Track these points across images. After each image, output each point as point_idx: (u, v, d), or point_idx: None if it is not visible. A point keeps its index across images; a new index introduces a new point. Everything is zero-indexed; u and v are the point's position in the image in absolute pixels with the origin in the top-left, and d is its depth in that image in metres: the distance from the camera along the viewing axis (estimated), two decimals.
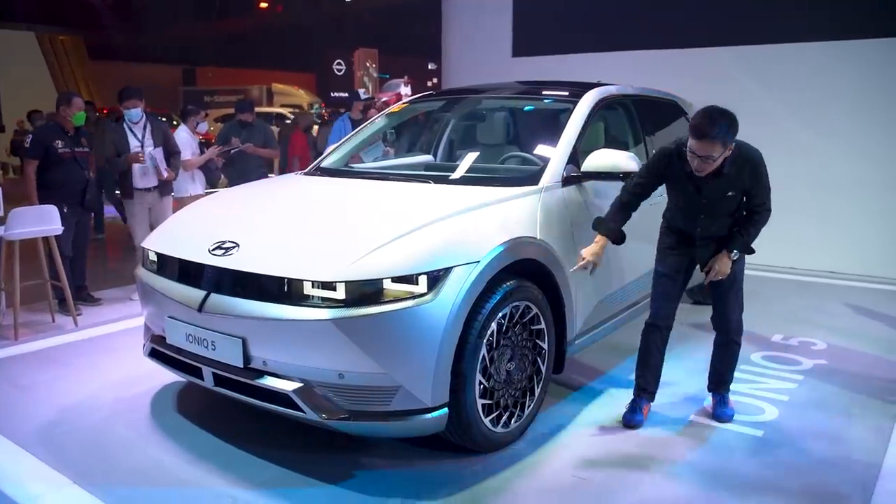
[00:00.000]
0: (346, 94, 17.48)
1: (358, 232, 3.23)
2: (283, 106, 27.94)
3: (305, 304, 2.97)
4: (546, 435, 3.53)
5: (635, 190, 3.63)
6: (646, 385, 3.73)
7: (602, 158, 3.84)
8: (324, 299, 2.95)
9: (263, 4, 34.48)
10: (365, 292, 2.92)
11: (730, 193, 3.45)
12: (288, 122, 16.75)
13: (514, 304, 3.31)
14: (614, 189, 4.11)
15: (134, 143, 6.08)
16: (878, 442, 3.47)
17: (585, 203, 3.89)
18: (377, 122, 5.01)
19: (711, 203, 3.51)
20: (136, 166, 6.06)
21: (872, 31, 6.83)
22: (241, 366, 3.11)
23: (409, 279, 2.94)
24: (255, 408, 3.24)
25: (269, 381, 3.07)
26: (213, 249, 3.27)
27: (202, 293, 3.24)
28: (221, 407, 3.87)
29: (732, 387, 3.86)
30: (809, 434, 3.56)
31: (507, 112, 4.76)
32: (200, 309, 3.20)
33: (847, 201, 7.06)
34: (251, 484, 3.10)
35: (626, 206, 3.65)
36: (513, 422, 3.41)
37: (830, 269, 7.04)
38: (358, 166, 4.77)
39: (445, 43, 9.48)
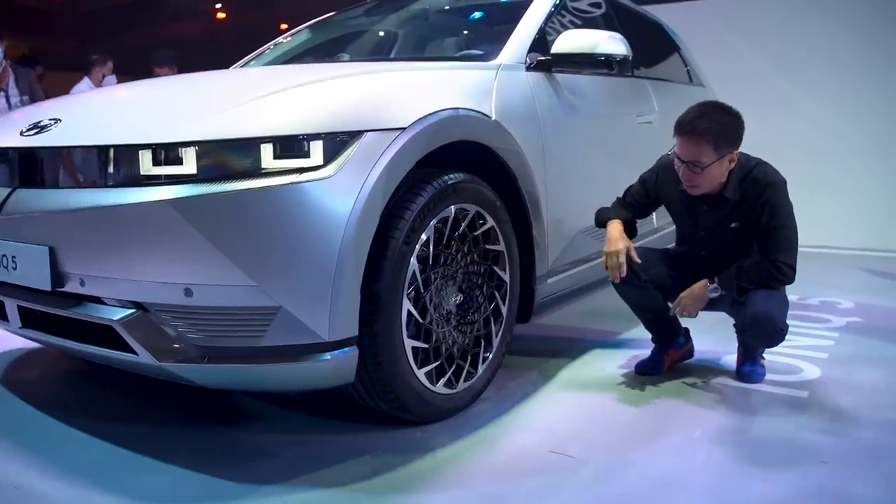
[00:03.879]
0: None
1: (228, 90, 2.23)
2: None
3: (139, 184, 1.94)
4: (510, 402, 2.51)
5: (630, 202, 2.82)
6: (653, 332, 2.86)
7: (577, 38, 2.87)
8: (166, 178, 1.92)
9: (221, 15, 33.29)
10: (226, 161, 1.90)
11: (733, 225, 2.58)
12: None
13: (460, 206, 2.31)
14: (595, 86, 3.18)
15: None
16: None
17: (558, 97, 2.91)
18: (300, 35, 3.99)
19: (711, 238, 2.65)
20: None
21: None
22: (49, 289, 2.06)
23: (296, 144, 1.92)
24: (98, 362, 2.22)
25: (88, 310, 2.02)
26: (27, 130, 2.24)
27: (6, 191, 2.19)
28: (72, 371, 2.83)
29: None
30: (865, 392, 2.60)
31: (458, 11, 3.78)
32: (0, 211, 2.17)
33: (841, 167, 6.21)
34: (61, 469, 2.03)
35: (631, 212, 2.84)
36: (461, 381, 2.39)
37: (827, 243, 6.15)
38: None
39: None
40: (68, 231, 2.01)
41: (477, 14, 3.69)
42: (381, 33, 3.83)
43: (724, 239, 2.65)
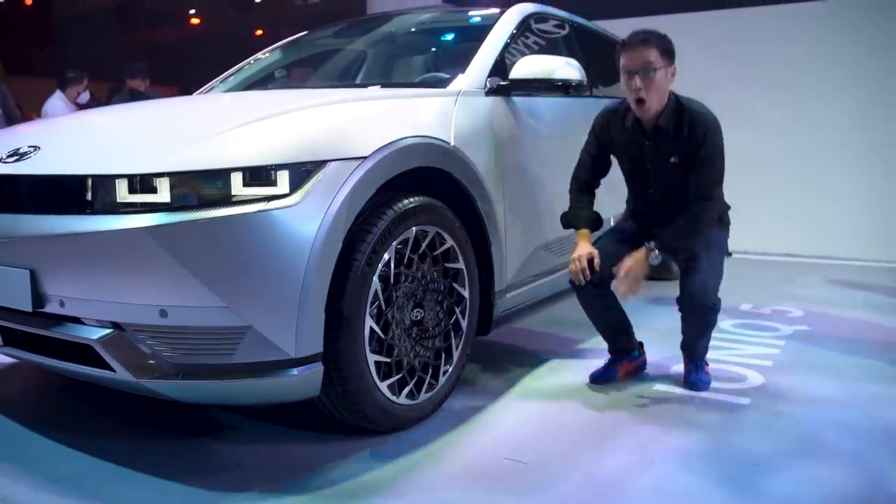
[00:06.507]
0: None
1: (200, 122, 2.36)
2: None
3: (116, 212, 2.06)
4: (468, 412, 2.66)
5: (587, 161, 2.99)
6: (608, 342, 3.04)
7: (534, 64, 3.03)
8: (142, 205, 2.05)
9: (195, 20, 32.95)
10: (198, 191, 2.03)
11: (673, 160, 2.76)
12: None
13: (421, 228, 2.46)
14: (552, 108, 3.35)
15: None
16: (891, 406, 2.71)
17: (517, 120, 3.07)
18: (271, 55, 4.12)
19: (656, 173, 2.83)
20: None
21: None
22: (30, 310, 2.18)
23: (264, 174, 2.07)
24: (78, 378, 2.33)
25: (68, 329, 2.15)
26: (7, 157, 2.35)
27: None
28: (50, 385, 2.94)
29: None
30: (805, 400, 2.77)
31: (423, 34, 3.94)
32: None
33: (807, 176, 6.40)
34: (43, 480, 2.15)
35: (586, 186, 2.99)
36: (422, 392, 2.53)
37: (787, 250, 6.34)
38: None
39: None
40: (48, 255, 2.13)
41: (441, 37, 3.85)
42: (349, 56, 3.97)
43: (667, 175, 2.80)
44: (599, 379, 2.96)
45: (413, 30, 3.99)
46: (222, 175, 2.03)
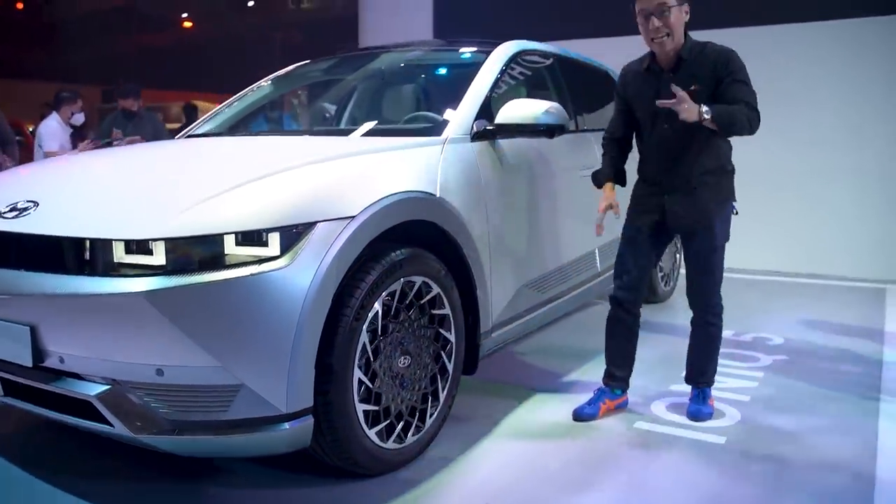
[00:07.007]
0: None
1: (192, 182, 2.44)
2: None
3: (114, 274, 2.15)
4: (454, 452, 2.75)
5: (618, 118, 3.17)
6: (609, 366, 3.18)
7: (519, 108, 3.12)
8: (138, 267, 2.14)
9: (187, 24, 32.92)
10: (192, 255, 2.13)
11: (693, 87, 2.80)
12: None
13: (407, 279, 2.55)
14: (538, 150, 3.45)
15: None
16: (863, 443, 2.82)
17: (501, 163, 3.17)
18: (262, 88, 4.21)
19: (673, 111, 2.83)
20: None
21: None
22: (31, 365, 2.27)
23: (255, 237, 2.16)
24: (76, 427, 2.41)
25: (67, 385, 2.23)
26: (6, 212, 2.43)
27: None
28: (47, 427, 3.01)
29: (675, 388, 3.36)
30: (780, 439, 2.88)
31: (411, 71, 4.03)
32: None
33: (797, 191, 6.48)
34: None
35: (615, 141, 3.17)
36: (409, 435, 2.63)
37: (776, 268, 6.45)
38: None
39: (362, 37, 8.78)
40: (48, 313, 2.22)
41: (429, 76, 3.95)
42: (339, 92, 4.07)
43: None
44: (583, 415, 3.05)
45: (402, 65, 4.08)
46: (215, 239, 2.12)
